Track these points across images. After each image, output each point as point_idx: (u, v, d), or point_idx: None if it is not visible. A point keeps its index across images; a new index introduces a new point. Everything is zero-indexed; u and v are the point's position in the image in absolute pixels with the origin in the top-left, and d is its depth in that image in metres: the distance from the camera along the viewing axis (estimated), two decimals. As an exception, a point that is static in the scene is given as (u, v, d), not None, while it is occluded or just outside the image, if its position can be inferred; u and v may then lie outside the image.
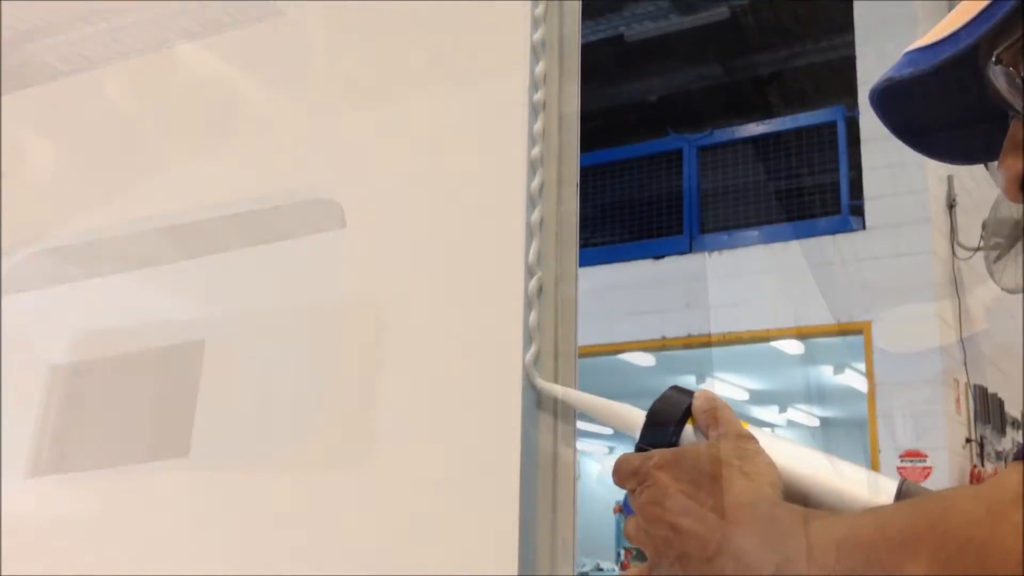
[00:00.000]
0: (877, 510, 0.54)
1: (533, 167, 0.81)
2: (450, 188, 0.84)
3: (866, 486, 0.62)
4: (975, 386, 5.24)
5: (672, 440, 0.67)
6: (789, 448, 0.66)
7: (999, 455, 5.47)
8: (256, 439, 0.88)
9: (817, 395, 10.26)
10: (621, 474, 0.66)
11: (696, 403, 0.68)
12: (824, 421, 12.03)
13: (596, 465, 12.97)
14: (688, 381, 9.46)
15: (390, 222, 0.86)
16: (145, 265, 1.00)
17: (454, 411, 0.79)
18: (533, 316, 0.77)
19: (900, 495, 0.61)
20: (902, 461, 4.84)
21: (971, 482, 4.86)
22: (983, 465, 5.10)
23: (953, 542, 0.46)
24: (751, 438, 0.65)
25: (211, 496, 0.88)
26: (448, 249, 0.82)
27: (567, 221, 0.82)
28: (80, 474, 0.97)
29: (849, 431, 11.63)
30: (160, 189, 0.99)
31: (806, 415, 11.66)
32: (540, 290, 0.78)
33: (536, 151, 0.81)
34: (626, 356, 7.16)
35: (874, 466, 4.92)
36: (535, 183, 0.80)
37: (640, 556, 0.67)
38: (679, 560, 0.61)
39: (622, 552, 11.35)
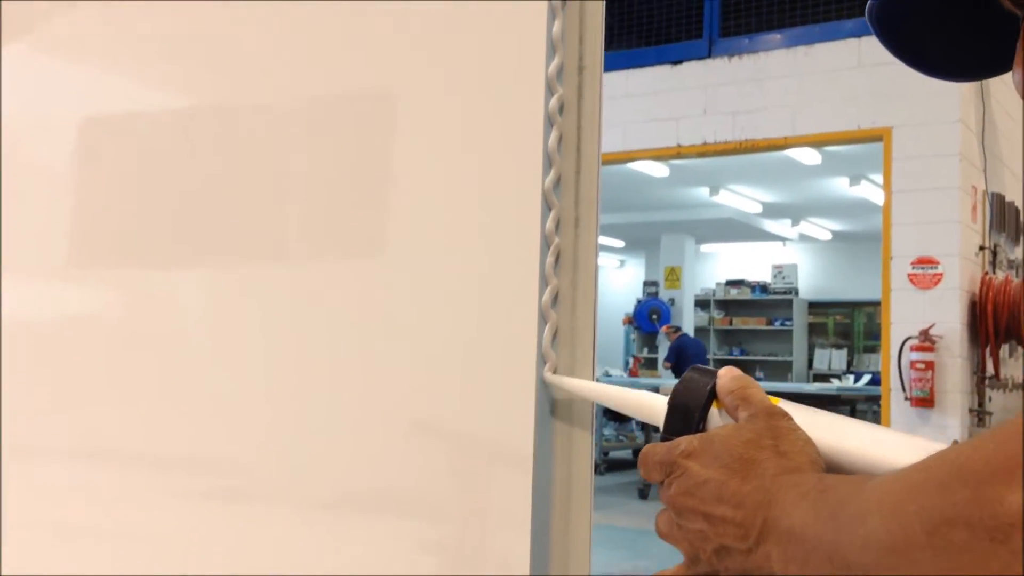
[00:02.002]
0: (949, 451, 0.47)
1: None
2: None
3: (920, 454, 0.55)
4: (993, 193, 5.19)
5: (698, 426, 0.63)
6: (827, 421, 0.61)
7: (1011, 263, 5.49)
8: (269, 238, 0.87)
9: (832, 207, 10.21)
10: (647, 467, 0.62)
11: (720, 383, 0.64)
12: (836, 235, 12.06)
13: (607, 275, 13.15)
14: (702, 193, 9.39)
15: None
16: (145, 56, 0.96)
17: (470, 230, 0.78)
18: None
19: None
20: (913, 268, 4.87)
21: (981, 289, 4.91)
22: (994, 272, 5.13)
23: None
24: (784, 415, 0.61)
25: (225, 290, 0.89)
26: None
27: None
28: (92, 271, 0.97)
29: (861, 244, 11.68)
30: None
31: (819, 228, 11.67)
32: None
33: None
34: (638, 165, 7.09)
35: (885, 273, 4.96)
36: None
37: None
38: (717, 554, 0.57)
39: (631, 360, 11.72)
